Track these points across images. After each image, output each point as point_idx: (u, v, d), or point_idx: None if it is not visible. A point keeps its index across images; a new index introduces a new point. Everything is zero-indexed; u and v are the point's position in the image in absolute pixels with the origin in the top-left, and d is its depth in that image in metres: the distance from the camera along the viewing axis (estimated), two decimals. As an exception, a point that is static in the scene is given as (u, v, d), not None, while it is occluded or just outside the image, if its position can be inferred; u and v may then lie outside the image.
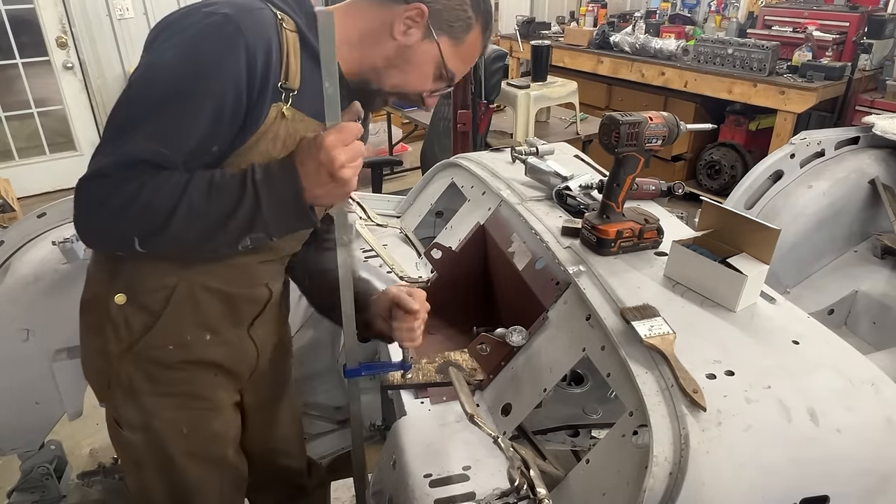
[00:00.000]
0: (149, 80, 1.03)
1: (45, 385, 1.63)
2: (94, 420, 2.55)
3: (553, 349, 1.29)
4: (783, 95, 4.07)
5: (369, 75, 1.17)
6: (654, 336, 1.07)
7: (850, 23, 4.21)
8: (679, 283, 1.27)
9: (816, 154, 2.41)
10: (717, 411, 0.94)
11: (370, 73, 1.17)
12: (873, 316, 2.22)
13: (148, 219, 1.00)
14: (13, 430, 1.72)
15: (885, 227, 2.40)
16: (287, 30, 1.07)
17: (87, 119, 5.17)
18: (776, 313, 1.19)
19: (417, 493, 1.13)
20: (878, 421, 0.98)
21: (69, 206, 1.64)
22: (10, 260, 1.64)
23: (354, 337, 1.25)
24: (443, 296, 1.68)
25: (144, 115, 1.00)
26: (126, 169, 0.98)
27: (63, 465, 1.96)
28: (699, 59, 4.45)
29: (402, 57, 1.16)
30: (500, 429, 1.25)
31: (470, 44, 1.19)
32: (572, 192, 1.64)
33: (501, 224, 1.68)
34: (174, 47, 1.00)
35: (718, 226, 1.30)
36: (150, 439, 1.25)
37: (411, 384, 1.38)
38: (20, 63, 4.76)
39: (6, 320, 1.56)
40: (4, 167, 4.86)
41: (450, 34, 1.16)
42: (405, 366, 1.32)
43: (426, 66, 1.17)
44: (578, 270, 1.32)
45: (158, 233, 1.01)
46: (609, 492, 0.99)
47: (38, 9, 4.69)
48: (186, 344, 1.19)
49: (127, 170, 0.98)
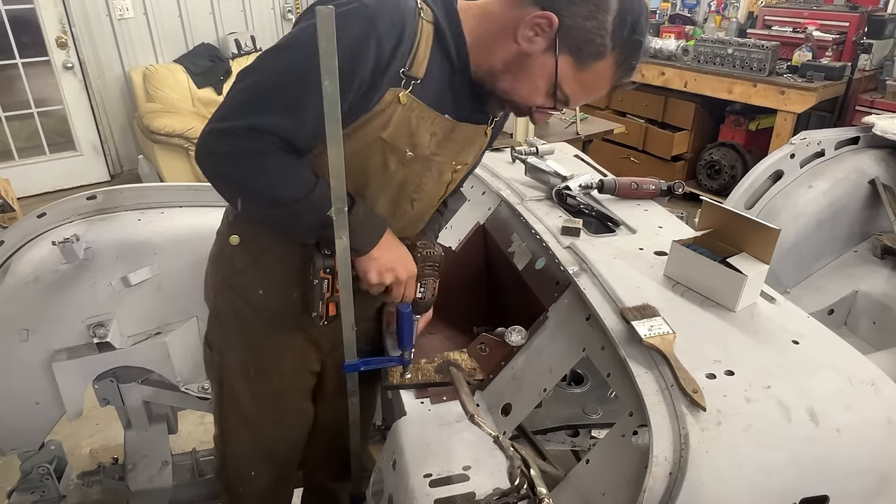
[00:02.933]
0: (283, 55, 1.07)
1: (45, 385, 1.63)
2: (94, 420, 2.56)
3: (553, 349, 1.29)
4: (783, 95, 4.07)
5: (485, 76, 1.15)
6: (654, 336, 1.07)
7: (850, 23, 4.21)
8: (679, 283, 1.27)
9: (816, 154, 2.41)
10: (717, 411, 0.94)
11: (486, 75, 1.15)
12: (873, 316, 2.22)
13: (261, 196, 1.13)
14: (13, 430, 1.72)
15: (885, 227, 2.40)
16: (424, 20, 1.08)
17: (87, 119, 5.17)
18: (776, 313, 1.19)
19: (417, 493, 1.13)
20: (878, 421, 0.98)
21: (69, 206, 1.67)
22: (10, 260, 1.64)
23: (352, 332, 1.25)
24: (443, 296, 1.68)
25: (273, 88, 1.06)
26: (256, 137, 1.05)
27: (63, 465, 1.95)
28: (699, 59, 4.45)
29: (519, 63, 1.10)
30: (500, 429, 1.25)
31: (597, 73, 1.09)
32: (572, 191, 1.64)
33: (501, 224, 1.68)
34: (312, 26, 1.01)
35: (718, 226, 1.30)
36: (223, 368, 1.41)
37: (411, 384, 1.38)
38: (20, 63, 4.76)
39: (6, 320, 1.56)
40: (4, 167, 4.85)
41: (575, 55, 1.07)
42: (404, 361, 1.32)
43: (539, 80, 1.11)
44: (578, 270, 1.32)
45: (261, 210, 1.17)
46: (609, 492, 0.99)
47: (38, 9, 4.69)
48: (274, 294, 1.29)
49: (256, 139, 1.06)
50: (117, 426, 2.06)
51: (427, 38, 1.09)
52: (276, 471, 1.56)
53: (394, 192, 1.23)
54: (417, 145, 1.17)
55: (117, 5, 4.99)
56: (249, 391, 1.42)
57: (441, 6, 1.12)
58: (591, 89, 1.13)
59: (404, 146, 1.15)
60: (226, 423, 1.49)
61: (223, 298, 1.36)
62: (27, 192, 4.87)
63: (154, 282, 1.67)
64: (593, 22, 1.04)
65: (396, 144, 1.14)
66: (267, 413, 1.45)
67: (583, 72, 1.09)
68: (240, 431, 1.48)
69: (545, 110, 1.18)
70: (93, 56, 5.02)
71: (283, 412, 1.47)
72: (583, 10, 1.04)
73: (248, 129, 1.05)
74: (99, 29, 4.98)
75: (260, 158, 1.08)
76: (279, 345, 1.37)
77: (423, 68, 1.10)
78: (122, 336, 1.68)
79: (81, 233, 1.58)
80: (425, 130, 1.16)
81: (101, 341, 1.61)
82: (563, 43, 1.06)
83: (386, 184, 1.20)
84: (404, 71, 1.08)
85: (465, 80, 1.16)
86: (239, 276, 1.31)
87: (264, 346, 1.37)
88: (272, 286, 1.29)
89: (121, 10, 5.02)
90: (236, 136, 1.06)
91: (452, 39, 1.12)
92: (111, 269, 1.61)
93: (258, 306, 1.32)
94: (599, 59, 1.07)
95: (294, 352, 1.39)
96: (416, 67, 1.09)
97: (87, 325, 1.62)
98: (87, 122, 5.18)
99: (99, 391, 1.75)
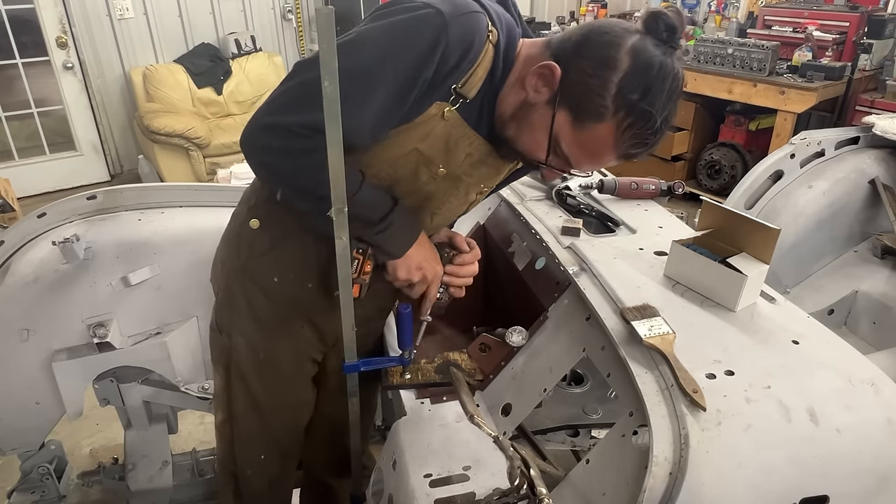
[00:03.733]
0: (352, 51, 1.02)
1: (45, 385, 1.63)
2: (94, 420, 2.55)
3: (553, 349, 1.29)
4: (783, 95, 4.07)
5: (497, 120, 1.12)
6: (654, 336, 1.07)
7: (850, 23, 4.21)
8: (679, 283, 1.27)
9: (816, 154, 2.41)
10: (717, 411, 0.94)
11: (498, 118, 1.12)
12: (873, 316, 2.22)
13: (307, 192, 1.11)
14: (13, 430, 1.72)
15: (885, 227, 2.40)
16: (490, 42, 1.05)
17: (87, 119, 5.17)
18: (776, 313, 1.19)
19: (417, 493, 1.13)
20: (878, 421, 0.98)
21: (69, 206, 1.67)
22: (10, 260, 1.64)
23: (352, 332, 1.25)
24: (443, 296, 1.68)
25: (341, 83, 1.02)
26: (310, 136, 1.02)
27: (63, 465, 1.95)
28: (699, 59, 4.45)
29: (523, 112, 1.08)
30: (500, 429, 1.25)
31: (596, 136, 1.02)
32: (572, 191, 1.64)
33: (501, 224, 1.69)
34: (382, 27, 1.00)
35: (718, 226, 1.30)
36: (232, 351, 1.40)
37: (411, 384, 1.38)
38: (20, 63, 4.77)
39: (6, 320, 1.56)
40: (4, 167, 4.86)
41: (574, 112, 1.02)
42: (404, 361, 1.32)
43: (539, 134, 1.06)
44: (578, 270, 1.32)
45: (304, 204, 1.16)
46: (609, 492, 0.99)
47: (38, 9, 4.69)
48: (289, 282, 1.29)
49: (310, 138, 1.02)
50: (117, 426, 2.06)
51: (487, 60, 1.06)
52: (282, 458, 1.57)
53: (419, 202, 1.22)
54: (451, 162, 1.16)
55: (117, 5, 4.99)
56: (257, 374, 1.42)
57: (505, 34, 1.08)
58: (591, 153, 1.06)
59: (439, 161, 1.14)
60: (234, 407, 1.49)
61: (237, 282, 1.35)
62: (27, 192, 4.87)
63: (154, 282, 1.67)
64: (596, 80, 0.98)
65: (431, 158, 1.13)
66: (273, 398, 1.46)
67: (581, 131, 1.03)
68: (248, 414, 1.48)
69: (553, 169, 1.13)
70: (93, 56, 5.03)
71: (286, 398, 1.48)
72: (587, 66, 0.99)
73: (302, 126, 1.02)
74: (99, 29, 4.99)
75: (311, 156, 1.04)
76: (287, 333, 1.37)
77: (475, 90, 1.07)
78: (122, 336, 1.68)
79: (81, 233, 1.58)
80: (462, 150, 1.15)
81: (101, 341, 1.61)
82: (563, 97, 1.01)
83: (412, 193, 1.20)
84: (456, 88, 1.05)
85: None
86: (256, 260, 1.30)
87: (274, 332, 1.37)
88: (288, 274, 1.29)
89: (121, 10, 5.02)
90: (289, 132, 1.03)
91: (502, 70, 1.09)
92: (111, 269, 1.62)
93: (271, 293, 1.32)
94: (599, 120, 1.00)
95: (301, 341, 1.39)
96: (468, 87, 1.06)
97: (87, 325, 1.62)
98: (87, 122, 5.18)
99: (99, 391, 1.75)
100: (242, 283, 1.34)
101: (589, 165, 1.12)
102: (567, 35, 1.06)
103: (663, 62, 1.00)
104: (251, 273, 1.32)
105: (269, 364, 1.41)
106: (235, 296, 1.36)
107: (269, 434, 1.51)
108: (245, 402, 1.46)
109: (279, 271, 1.30)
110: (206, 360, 1.70)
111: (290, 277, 1.30)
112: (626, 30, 1.01)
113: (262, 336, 1.38)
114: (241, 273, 1.33)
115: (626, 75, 0.98)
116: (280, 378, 1.44)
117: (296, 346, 1.40)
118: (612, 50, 0.99)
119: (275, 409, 1.48)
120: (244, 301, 1.35)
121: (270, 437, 1.52)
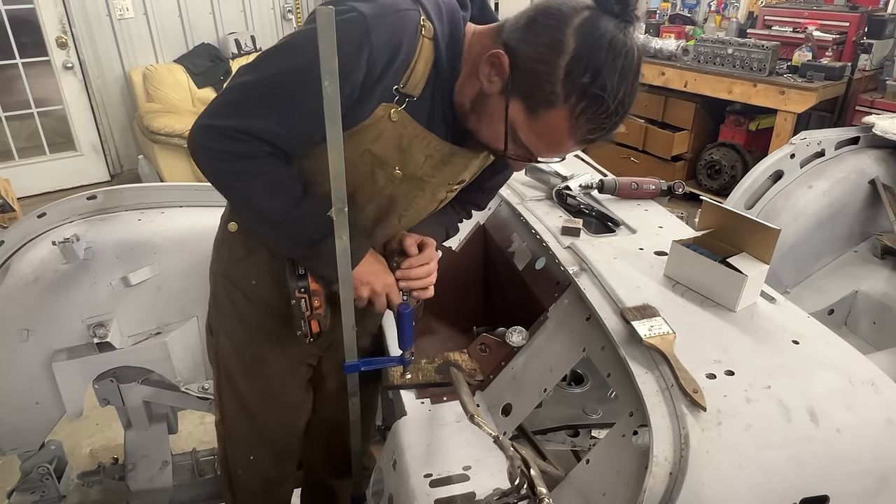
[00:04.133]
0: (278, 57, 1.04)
1: (45, 385, 1.63)
2: (94, 420, 2.55)
3: (553, 349, 1.29)
4: (783, 95, 4.07)
5: (458, 110, 1.10)
6: (654, 336, 1.07)
7: (850, 23, 4.21)
8: (679, 283, 1.27)
9: (816, 154, 2.41)
10: (717, 411, 0.94)
11: (459, 109, 1.09)
12: (873, 316, 2.22)
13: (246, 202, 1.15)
14: (13, 430, 1.72)
15: (885, 227, 2.40)
16: (424, 37, 1.02)
17: (87, 119, 5.17)
18: (776, 313, 1.19)
19: (417, 493, 1.13)
20: (878, 421, 0.98)
21: (69, 206, 1.67)
22: (10, 260, 1.64)
23: (353, 332, 1.25)
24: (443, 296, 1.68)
25: (264, 91, 1.04)
26: (244, 140, 1.04)
27: (63, 465, 1.96)
28: (699, 59, 4.45)
29: (480, 103, 1.04)
30: (500, 429, 1.25)
31: (551, 124, 0.98)
32: (572, 191, 1.64)
33: (501, 224, 1.68)
34: (310, 32, 0.98)
35: (718, 226, 1.30)
36: (220, 352, 1.42)
37: (411, 384, 1.38)
38: (20, 63, 4.76)
39: (6, 320, 1.56)
40: (4, 167, 4.85)
41: (526, 101, 0.98)
42: (404, 361, 1.32)
43: (497, 124, 1.03)
44: (578, 270, 1.32)
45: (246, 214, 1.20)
46: (609, 492, 0.99)
47: (38, 9, 4.69)
48: (267, 286, 1.30)
49: (244, 142, 1.04)
50: (117, 426, 2.06)
51: (426, 55, 1.03)
52: (275, 459, 1.57)
53: (383, 204, 1.21)
54: (408, 164, 1.14)
55: (117, 5, 4.99)
56: (245, 377, 1.43)
57: (447, 24, 1.04)
58: (549, 141, 1.02)
59: (394, 163, 1.12)
60: (224, 407, 1.50)
61: (221, 286, 1.37)
62: (27, 192, 4.87)
63: (154, 282, 1.67)
64: (543, 66, 0.94)
65: (385, 159, 1.11)
66: (263, 400, 1.46)
67: (536, 120, 0.99)
68: (237, 416, 1.49)
69: (519, 160, 1.09)
70: (93, 56, 5.02)
71: (278, 401, 1.48)
72: (534, 52, 0.95)
73: (235, 131, 1.03)
74: (99, 29, 4.98)
75: (246, 162, 1.06)
76: (274, 335, 1.37)
77: (419, 87, 1.05)
78: (122, 336, 1.68)
79: (81, 233, 1.58)
80: (419, 151, 1.12)
81: (101, 341, 1.61)
82: (514, 86, 0.98)
83: (374, 196, 1.19)
84: (398, 88, 1.03)
85: None
86: (235, 265, 1.32)
87: (260, 334, 1.38)
88: (265, 278, 1.30)
89: (121, 10, 5.01)
90: (225, 136, 1.04)
91: (448, 62, 1.05)
92: (111, 269, 1.62)
93: (251, 296, 1.33)
94: (551, 107, 0.96)
95: (290, 345, 1.39)
96: (411, 85, 1.04)
97: (87, 325, 1.62)
98: (87, 122, 5.18)
99: (99, 391, 1.75)
100: (226, 287, 1.35)
101: (549, 154, 1.07)
102: (517, 18, 1.01)
103: (613, 39, 0.92)
104: (233, 277, 1.33)
105: (257, 366, 1.41)
106: (221, 298, 1.38)
107: (260, 435, 1.51)
108: (233, 402, 1.47)
109: (256, 275, 1.30)
110: (206, 360, 1.70)
111: (266, 282, 1.30)
112: (575, 8, 0.94)
113: (248, 338, 1.38)
114: (223, 276, 1.35)
115: (573, 58, 0.92)
116: (269, 380, 1.44)
117: (284, 349, 1.40)
118: (558, 32, 0.93)
119: (264, 412, 1.48)
120: (229, 303, 1.36)
121: (260, 438, 1.52)
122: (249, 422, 1.49)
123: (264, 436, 1.52)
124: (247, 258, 1.30)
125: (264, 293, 1.31)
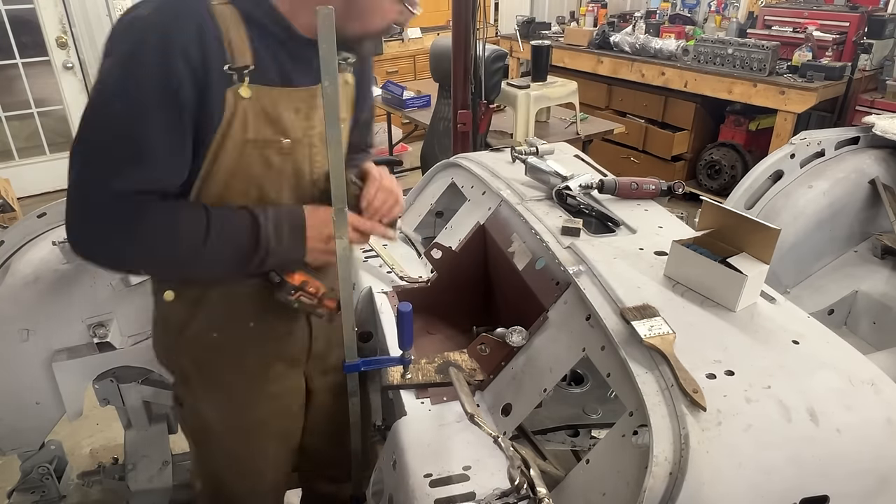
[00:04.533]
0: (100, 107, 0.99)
1: (45, 385, 1.63)
2: (94, 420, 2.55)
3: (553, 349, 1.29)
4: (783, 95, 4.07)
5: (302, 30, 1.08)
6: (654, 336, 1.07)
7: (850, 23, 4.21)
8: (679, 283, 1.27)
9: (816, 154, 2.41)
10: (717, 411, 0.94)
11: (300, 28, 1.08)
12: (873, 316, 2.22)
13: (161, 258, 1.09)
14: (13, 430, 1.72)
15: (885, 227, 2.40)
16: (216, 5, 1.00)
17: (87, 119, 5.17)
18: (776, 313, 1.19)
19: (417, 493, 1.13)
20: (878, 421, 0.98)
21: (69, 206, 1.66)
22: (10, 260, 1.64)
23: (353, 331, 1.25)
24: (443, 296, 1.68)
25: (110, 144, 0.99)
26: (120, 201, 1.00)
27: (63, 465, 1.96)
28: (699, 59, 4.45)
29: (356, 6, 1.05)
30: (500, 429, 1.25)
31: None
32: (572, 191, 1.64)
33: (501, 224, 1.68)
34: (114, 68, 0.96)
35: (718, 226, 1.30)
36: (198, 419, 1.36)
37: (411, 384, 1.38)
38: (20, 63, 4.76)
39: (6, 320, 1.56)
40: (4, 167, 4.85)
41: None
42: (404, 361, 1.32)
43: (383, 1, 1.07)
44: (578, 270, 1.32)
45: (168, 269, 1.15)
46: (609, 492, 0.99)
47: (38, 9, 4.69)
48: (229, 332, 1.25)
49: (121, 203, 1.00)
50: (117, 426, 2.06)
51: (233, 22, 1.00)
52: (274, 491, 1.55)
53: (291, 182, 1.17)
54: (289, 129, 1.11)
55: (117, 5, 4.98)
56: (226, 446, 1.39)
57: None
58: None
59: (276, 136, 1.09)
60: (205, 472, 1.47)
61: (182, 357, 1.31)
62: (27, 192, 4.86)
63: (154, 282, 1.67)
64: None
65: (267, 139, 1.08)
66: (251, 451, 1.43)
67: None
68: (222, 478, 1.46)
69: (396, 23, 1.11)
70: (93, 56, 5.02)
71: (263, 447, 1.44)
72: None
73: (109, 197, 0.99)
74: (99, 29, 4.98)
75: (136, 222, 1.01)
76: (254, 381, 1.33)
77: (248, 54, 1.02)
78: (122, 336, 1.68)
79: (81, 233, 1.57)
80: (288, 110, 1.10)
81: (101, 341, 1.61)
82: None
83: (280, 180, 1.15)
84: (229, 66, 1.00)
85: (299, 45, 1.08)
86: (186, 329, 1.25)
87: (238, 388, 1.32)
88: (225, 325, 1.25)
89: (121, 10, 5.01)
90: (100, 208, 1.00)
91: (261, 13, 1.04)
92: (111, 268, 1.62)
93: (220, 349, 1.27)
94: None
95: (273, 382, 1.35)
96: (239, 57, 1.01)
97: (87, 324, 1.62)
98: (87, 122, 5.18)
99: (99, 391, 1.75)
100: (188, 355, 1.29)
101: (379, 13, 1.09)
102: None
103: None
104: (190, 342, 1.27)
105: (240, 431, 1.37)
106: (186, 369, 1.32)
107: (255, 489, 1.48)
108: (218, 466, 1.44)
109: (215, 326, 1.25)
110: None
111: (228, 327, 1.25)
112: None
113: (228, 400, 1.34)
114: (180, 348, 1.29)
115: None
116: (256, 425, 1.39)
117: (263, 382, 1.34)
118: None
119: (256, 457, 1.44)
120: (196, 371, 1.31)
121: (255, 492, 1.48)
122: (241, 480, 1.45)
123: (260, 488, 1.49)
124: (197, 315, 1.23)
125: (230, 338, 1.26)
